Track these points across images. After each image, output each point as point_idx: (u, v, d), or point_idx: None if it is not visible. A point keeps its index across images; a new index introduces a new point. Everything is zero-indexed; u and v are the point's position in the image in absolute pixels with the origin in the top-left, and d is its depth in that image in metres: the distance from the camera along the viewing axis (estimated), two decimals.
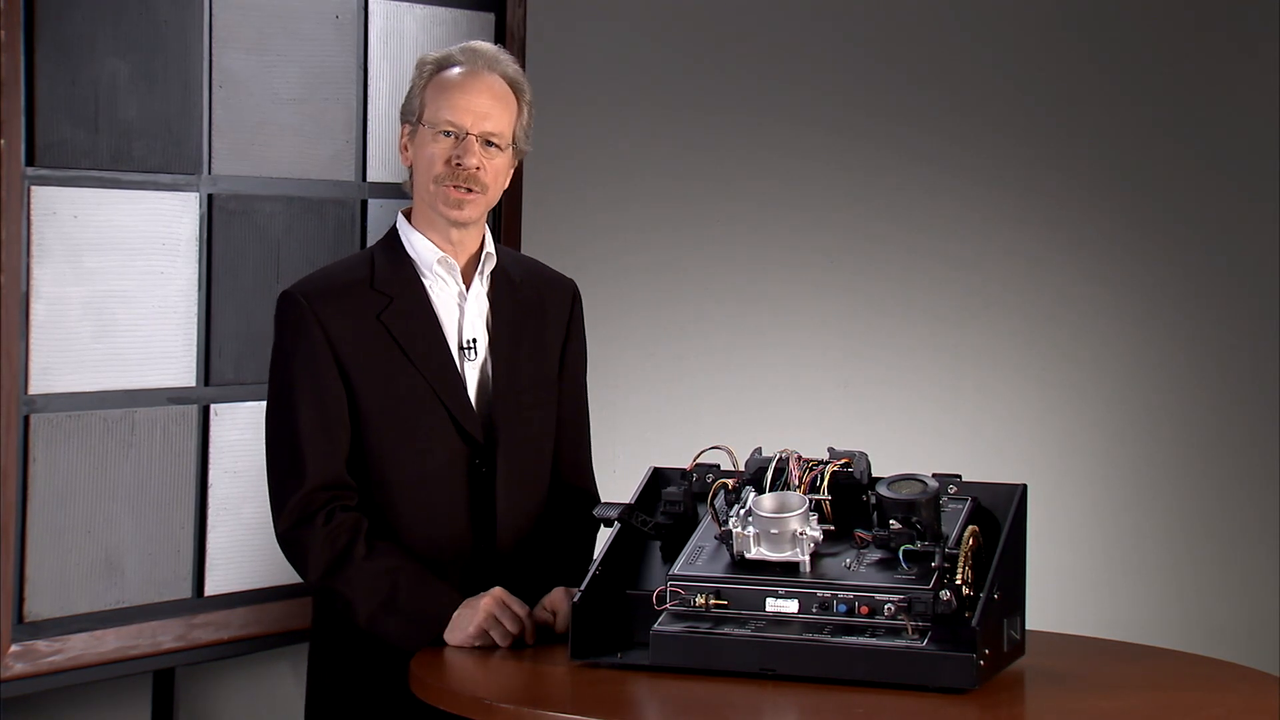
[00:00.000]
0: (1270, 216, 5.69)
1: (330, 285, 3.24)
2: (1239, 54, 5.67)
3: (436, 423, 3.21)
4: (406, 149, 3.28)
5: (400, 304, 3.23)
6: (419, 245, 3.27)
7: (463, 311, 3.28)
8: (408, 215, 3.31)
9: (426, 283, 3.26)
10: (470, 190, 3.23)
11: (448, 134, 3.22)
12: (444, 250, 3.27)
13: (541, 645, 3.14)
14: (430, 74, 3.26)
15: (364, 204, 4.00)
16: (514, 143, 3.28)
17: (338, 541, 3.14)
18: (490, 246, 3.32)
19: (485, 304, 3.31)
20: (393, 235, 3.31)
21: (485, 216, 3.30)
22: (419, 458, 3.21)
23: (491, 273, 3.32)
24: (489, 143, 3.23)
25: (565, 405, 3.40)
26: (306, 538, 3.15)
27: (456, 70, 3.25)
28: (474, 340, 3.27)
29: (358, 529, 3.15)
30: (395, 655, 3.14)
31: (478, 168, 3.22)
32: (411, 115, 3.27)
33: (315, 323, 3.19)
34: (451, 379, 3.23)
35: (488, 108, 3.23)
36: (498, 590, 3.10)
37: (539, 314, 3.37)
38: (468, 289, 3.29)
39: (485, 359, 3.28)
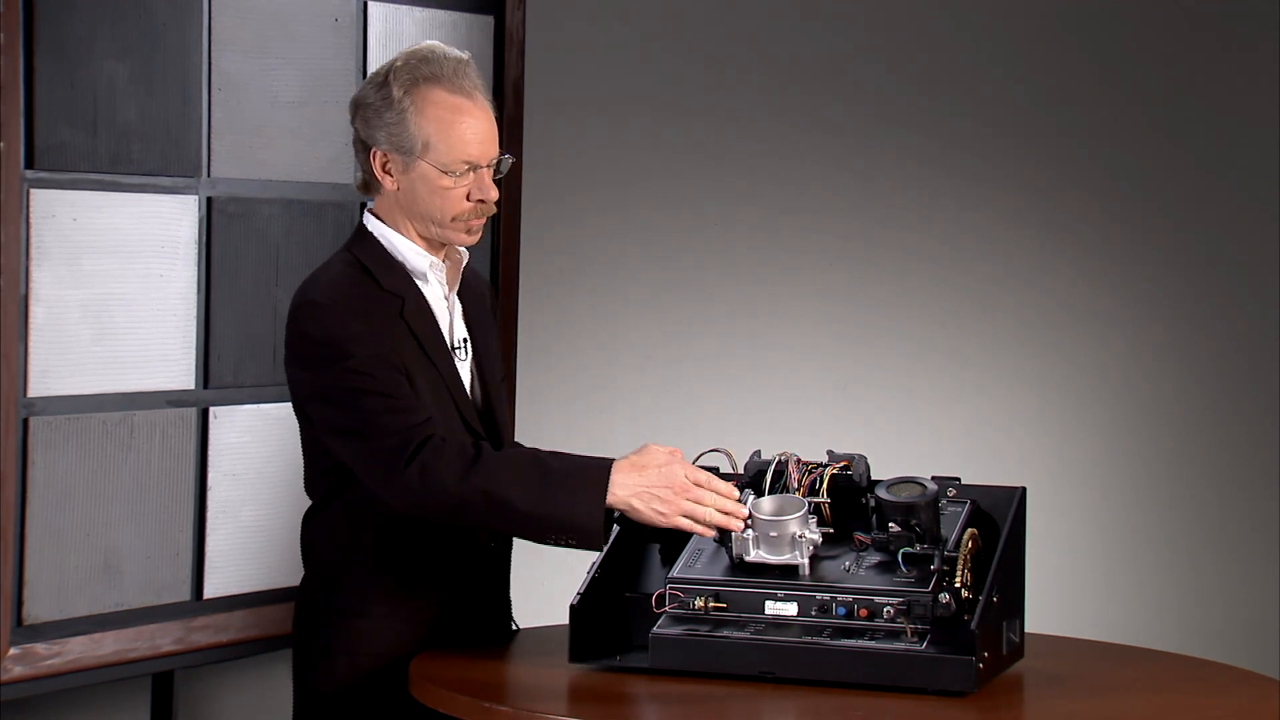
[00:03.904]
0: (1270, 218, 5.69)
1: (352, 290, 3.14)
2: (1238, 55, 5.67)
3: (451, 421, 3.17)
4: (390, 173, 3.16)
5: (411, 304, 3.18)
6: (406, 250, 3.20)
7: (451, 314, 3.26)
8: (379, 217, 3.22)
9: (420, 284, 3.23)
10: (482, 218, 3.19)
11: (463, 172, 3.13)
12: (433, 255, 3.22)
13: (540, 648, 3.14)
14: (418, 100, 3.12)
15: (363, 206, 3.99)
16: None
17: (466, 450, 3.02)
18: (464, 249, 3.28)
19: (459, 304, 3.29)
20: (368, 238, 3.22)
21: None
22: None
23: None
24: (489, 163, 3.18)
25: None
26: (430, 453, 2.99)
27: (451, 96, 3.14)
28: (465, 340, 3.26)
29: (478, 443, 3.05)
30: (380, 657, 3.13)
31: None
32: (408, 150, 3.13)
33: (365, 327, 3.09)
34: (457, 379, 3.22)
35: (491, 131, 3.16)
36: (690, 470, 3.00)
37: (485, 308, 3.36)
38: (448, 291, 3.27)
39: (470, 359, 3.27)
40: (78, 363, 3.54)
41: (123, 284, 3.60)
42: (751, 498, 3.02)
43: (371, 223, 3.24)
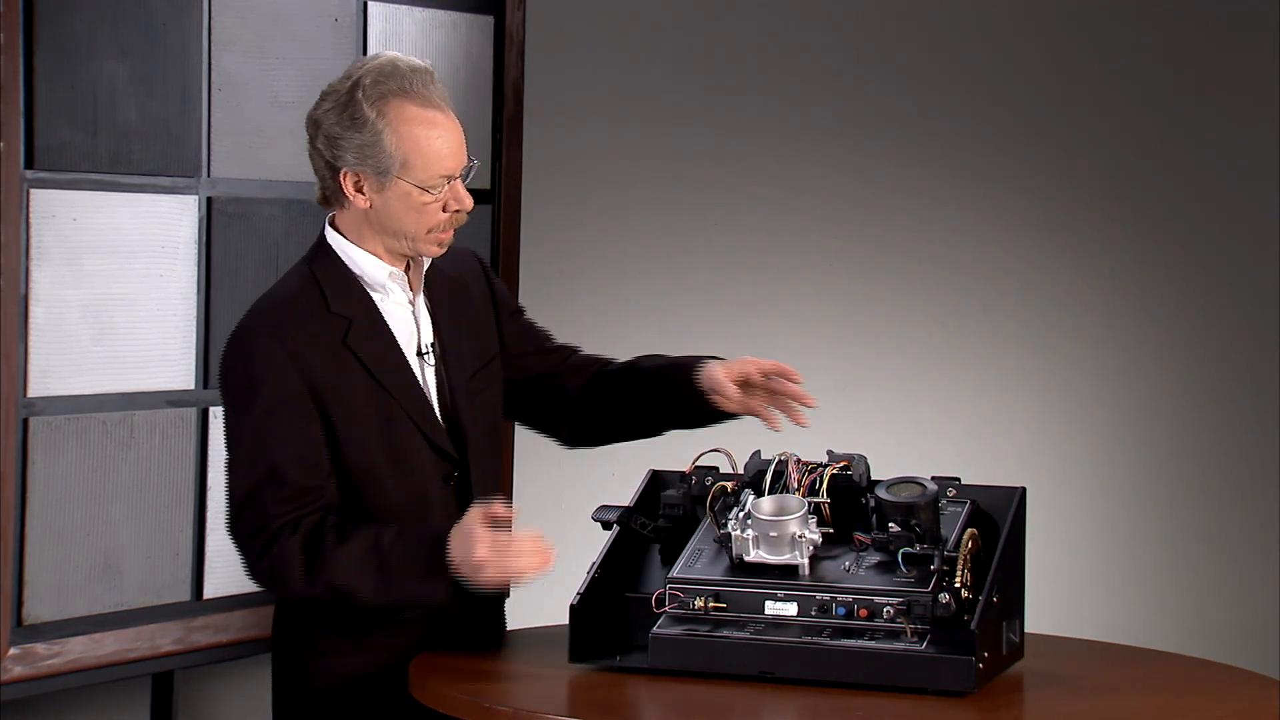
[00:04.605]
0: (1270, 218, 5.69)
1: (292, 315, 3.10)
2: (1238, 55, 5.67)
3: (411, 442, 3.13)
4: (362, 192, 3.09)
5: (360, 325, 3.12)
6: (364, 262, 3.14)
7: (417, 320, 3.20)
8: (336, 227, 3.16)
9: (376, 298, 3.15)
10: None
11: (443, 186, 3.09)
12: (393, 264, 3.15)
13: (540, 648, 3.14)
14: (391, 118, 3.06)
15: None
16: None
17: (308, 543, 3.02)
18: None
19: (425, 305, 3.22)
20: (329, 252, 3.16)
21: None
22: (402, 479, 3.12)
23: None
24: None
25: (535, 349, 3.37)
26: (277, 554, 3.02)
27: (424, 110, 3.08)
28: (432, 344, 3.20)
29: (322, 525, 3.03)
30: (363, 662, 3.11)
31: None
32: (384, 170, 3.06)
33: (286, 358, 3.05)
34: (416, 394, 3.15)
35: (462, 140, 3.11)
36: (482, 533, 2.96)
37: (464, 294, 3.28)
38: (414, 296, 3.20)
39: (439, 362, 3.21)
40: (78, 363, 3.54)
41: (123, 284, 3.60)
42: (751, 498, 3.02)
43: (332, 236, 3.16)
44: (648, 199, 4.85)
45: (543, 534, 2.98)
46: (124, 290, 3.60)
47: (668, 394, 3.27)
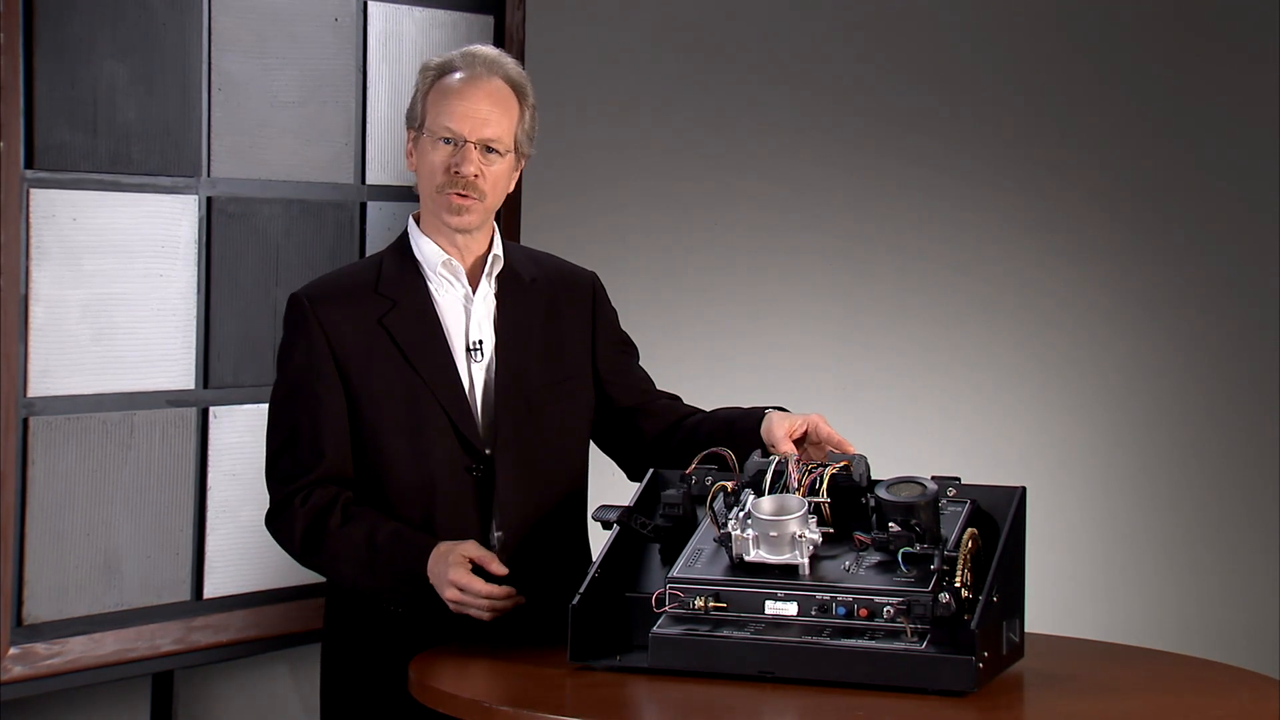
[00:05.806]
0: (1270, 218, 5.69)
1: (335, 289, 3.28)
2: (1238, 55, 5.67)
3: (436, 427, 3.23)
4: (411, 154, 3.30)
5: (403, 308, 3.26)
6: (426, 249, 3.29)
7: (468, 314, 3.29)
8: (418, 219, 3.34)
9: (432, 286, 3.28)
10: (469, 197, 3.24)
11: (447, 141, 3.23)
12: (449, 253, 3.29)
13: (540, 648, 3.14)
14: (432, 80, 3.28)
15: (363, 206, 4.00)
16: (515, 147, 3.29)
17: (314, 517, 3.20)
18: (498, 248, 3.32)
19: (493, 305, 3.31)
20: (404, 239, 3.33)
21: (491, 219, 3.31)
22: (418, 461, 3.23)
23: (500, 274, 3.32)
24: (489, 149, 3.24)
25: (622, 383, 3.44)
26: (286, 519, 3.22)
27: (457, 76, 3.26)
28: (480, 342, 3.28)
29: (334, 502, 3.21)
30: (407, 653, 3.14)
31: (476, 175, 3.23)
32: (414, 121, 3.29)
33: (316, 325, 3.23)
34: (451, 382, 3.25)
35: (486, 113, 3.24)
36: (456, 574, 3.12)
37: (552, 313, 3.37)
38: (474, 291, 3.30)
39: (491, 360, 3.29)
40: (78, 363, 3.54)
41: (123, 284, 3.60)
42: (751, 497, 3.02)
43: (409, 223, 3.34)
44: (648, 199, 4.85)
45: (512, 593, 3.14)
46: (124, 290, 3.60)
47: (734, 446, 3.29)
